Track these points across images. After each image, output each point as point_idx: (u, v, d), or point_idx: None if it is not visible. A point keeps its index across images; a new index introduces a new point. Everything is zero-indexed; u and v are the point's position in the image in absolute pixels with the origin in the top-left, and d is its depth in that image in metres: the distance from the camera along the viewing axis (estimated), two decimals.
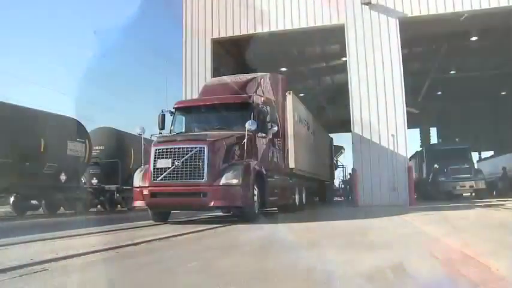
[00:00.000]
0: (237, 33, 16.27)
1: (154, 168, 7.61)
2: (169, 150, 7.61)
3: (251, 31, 16.07)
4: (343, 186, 29.47)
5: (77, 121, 14.50)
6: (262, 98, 9.26)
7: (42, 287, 2.69)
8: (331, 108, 29.11)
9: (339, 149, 27.33)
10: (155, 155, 7.66)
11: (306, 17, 15.49)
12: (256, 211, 8.02)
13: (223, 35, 16.38)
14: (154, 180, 7.59)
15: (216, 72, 16.70)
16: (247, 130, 7.89)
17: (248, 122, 7.90)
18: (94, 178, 15.60)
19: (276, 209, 11.20)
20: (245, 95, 9.09)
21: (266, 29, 15.91)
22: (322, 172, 17.26)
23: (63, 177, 13.00)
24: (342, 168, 29.03)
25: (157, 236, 5.40)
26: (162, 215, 8.42)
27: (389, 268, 2.92)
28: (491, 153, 30.38)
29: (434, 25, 17.08)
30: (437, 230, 5.72)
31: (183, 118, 9.29)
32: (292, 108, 11.32)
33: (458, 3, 14.20)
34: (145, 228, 7.12)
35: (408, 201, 13.85)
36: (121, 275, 2.96)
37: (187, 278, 2.78)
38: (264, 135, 8.87)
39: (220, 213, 10.08)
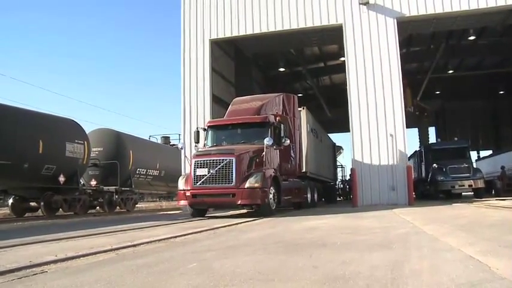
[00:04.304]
0: (235, 33, 16.25)
1: (194, 175, 9.69)
2: (205, 161, 9.70)
3: (249, 32, 16.05)
4: (342, 186, 29.48)
5: (76, 122, 14.50)
6: (278, 118, 11.18)
7: None
8: (330, 108, 29.16)
9: (338, 149, 27.36)
10: (195, 165, 9.73)
11: (304, 17, 15.48)
12: (273, 207, 10.02)
13: (221, 35, 16.36)
14: (194, 184, 9.67)
15: (214, 74, 16.70)
16: (265, 145, 9.87)
17: (266, 138, 9.96)
18: (93, 179, 15.61)
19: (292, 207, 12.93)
20: (263, 115, 11.16)
21: (264, 30, 15.90)
22: (327, 174, 18.58)
23: (62, 178, 13.00)
24: (341, 168, 29.07)
25: (157, 237, 5.40)
26: (200, 212, 10.54)
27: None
28: (489, 152, 30.40)
29: (432, 25, 17.14)
30: (437, 229, 5.73)
31: (214, 134, 11.40)
32: (305, 121, 13.50)
33: (455, 3, 14.20)
34: (145, 230, 7.13)
35: (407, 201, 13.88)
36: (120, 276, 2.96)
37: (187, 279, 2.77)
38: (279, 147, 10.93)
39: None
